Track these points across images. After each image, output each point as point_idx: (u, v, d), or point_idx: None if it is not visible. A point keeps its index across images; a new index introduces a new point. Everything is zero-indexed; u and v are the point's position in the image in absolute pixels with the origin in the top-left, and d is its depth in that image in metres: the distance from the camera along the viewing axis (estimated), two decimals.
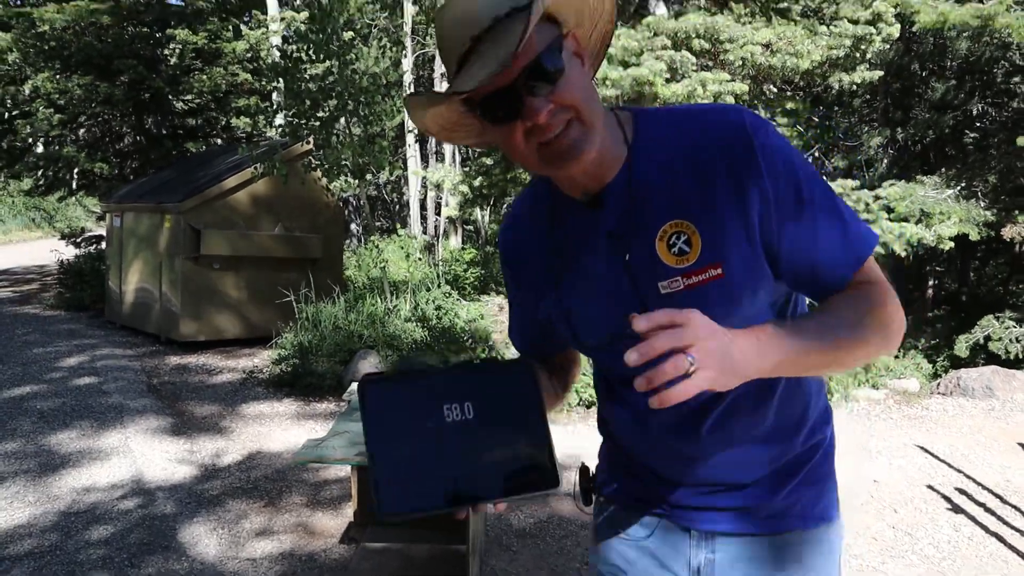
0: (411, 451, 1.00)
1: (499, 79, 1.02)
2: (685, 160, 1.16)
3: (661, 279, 1.16)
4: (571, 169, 1.11)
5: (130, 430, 5.95)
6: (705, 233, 1.14)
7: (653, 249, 1.16)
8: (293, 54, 9.27)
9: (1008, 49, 10.71)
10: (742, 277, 1.14)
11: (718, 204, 1.13)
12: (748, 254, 1.14)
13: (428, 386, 1.04)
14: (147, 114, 14.23)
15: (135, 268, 9.82)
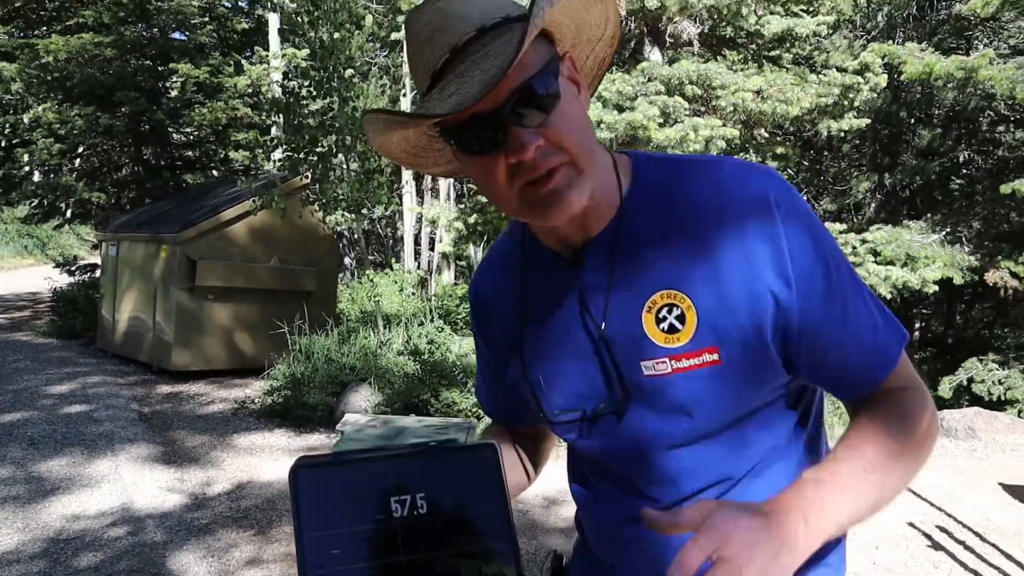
0: (350, 553, 0.82)
1: (481, 103, 0.85)
2: (688, 219, 0.98)
3: (645, 357, 0.99)
4: (554, 219, 0.93)
5: (121, 458, 5.97)
6: (703, 309, 0.95)
7: (639, 321, 0.98)
8: (294, 90, 9.45)
9: (993, 99, 10.98)
10: (743, 367, 0.96)
11: (723, 277, 0.95)
12: (753, 340, 0.95)
13: (374, 475, 0.85)
14: (146, 145, 14.38)
15: (129, 297, 9.88)
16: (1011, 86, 8.76)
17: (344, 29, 9.14)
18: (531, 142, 0.88)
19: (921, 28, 13.24)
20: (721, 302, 0.95)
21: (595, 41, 1.04)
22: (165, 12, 13.44)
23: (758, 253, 0.94)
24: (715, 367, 0.96)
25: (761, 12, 8.61)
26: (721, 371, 0.97)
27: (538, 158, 0.89)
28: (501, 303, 1.15)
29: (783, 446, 1.07)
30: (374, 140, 0.98)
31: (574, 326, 1.04)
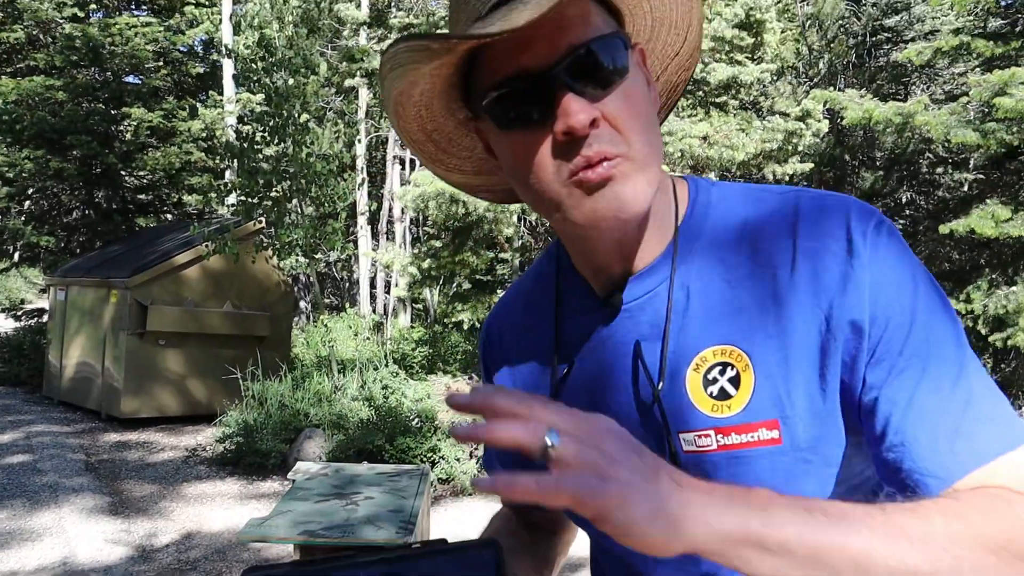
0: None
1: (531, 57, 0.70)
2: (753, 259, 0.79)
3: (685, 428, 0.78)
4: (604, 219, 0.73)
5: (65, 510, 5.82)
6: (763, 372, 0.75)
7: (682, 382, 0.78)
8: (249, 135, 9.47)
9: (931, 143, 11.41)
10: (809, 446, 0.75)
11: (790, 332, 0.75)
12: (820, 411, 0.74)
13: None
14: (98, 189, 14.23)
15: (77, 343, 9.70)
16: (945, 130, 9.12)
17: (299, 75, 9.22)
18: (586, 111, 0.69)
19: (861, 75, 13.75)
20: (787, 362, 0.74)
21: (669, 57, 0.87)
22: (119, 56, 13.40)
23: (832, 298, 0.73)
24: (774, 448, 0.74)
25: (708, 60, 8.89)
26: (781, 453, 0.74)
27: (592, 140, 0.70)
28: (528, 348, 0.94)
29: None
30: (392, 88, 0.75)
31: (617, 382, 0.83)
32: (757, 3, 8.07)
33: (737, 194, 0.84)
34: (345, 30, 16.10)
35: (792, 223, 0.77)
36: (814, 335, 0.74)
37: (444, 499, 6.68)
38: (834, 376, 0.73)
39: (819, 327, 0.74)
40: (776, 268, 0.77)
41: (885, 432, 0.71)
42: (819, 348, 0.73)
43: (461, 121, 0.84)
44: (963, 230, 8.98)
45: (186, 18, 15.08)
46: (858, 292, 0.72)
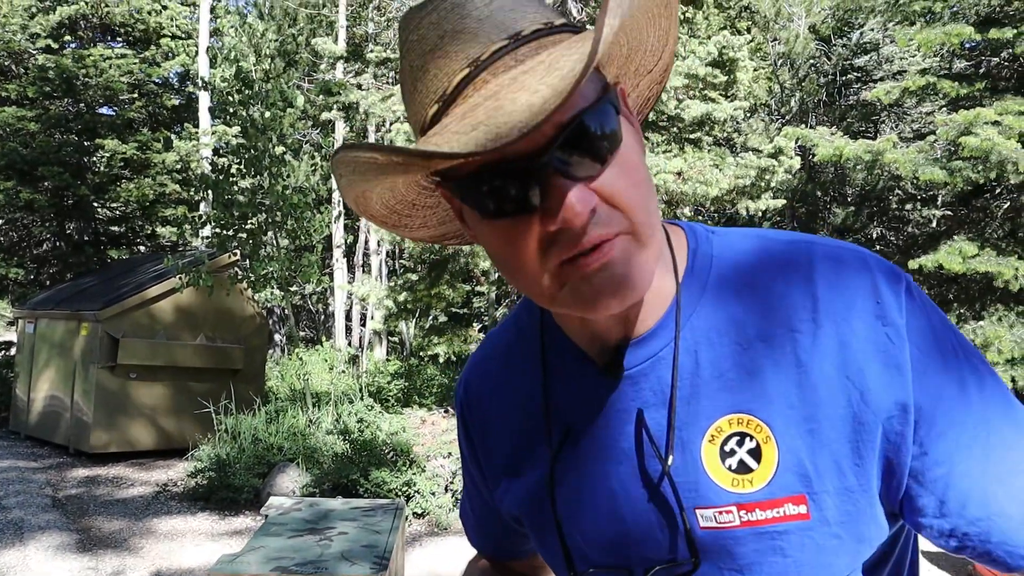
0: None
1: (518, 143, 0.56)
2: (768, 317, 0.71)
3: (703, 504, 0.71)
4: (606, 309, 0.66)
5: (30, 547, 5.68)
6: (786, 443, 0.69)
7: (697, 455, 0.71)
8: (225, 167, 9.45)
9: (900, 179, 11.64)
10: (840, 524, 0.69)
11: (815, 399, 0.68)
12: (853, 486, 0.68)
13: None
14: (70, 220, 14.10)
15: (46, 376, 9.53)
16: (914, 168, 9.32)
17: (275, 108, 9.24)
18: (585, 202, 0.60)
19: (832, 113, 14.05)
20: (813, 434, 0.68)
21: (644, 73, 0.76)
22: (93, 87, 13.37)
23: (865, 367, 0.67)
24: (802, 523, 0.68)
25: (682, 97, 9.04)
26: (809, 529, 0.69)
27: (589, 225, 0.61)
28: (513, 413, 0.85)
29: None
30: (349, 191, 0.68)
31: (619, 455, 0.76)
32: (730, 42, 8.24)
33: (742, 242, 0.76)
34: (322, 63, 16.19)
35: (809, 277, 0.70)
36: (843, 406, 0.67)
37: (420, 534, 6.60)
38: (871, 452, 0.67)
39: (849, 398, 0.67)
40: (795, 329, 0.69)
41: (965, 505, 0.66)
42: (852, 420, 0.67)
43: (424, 187, 0.74)
44: (932, 266, 9.13)
45: (162, 50, 15.08)
46: (900, 368, 0.66)
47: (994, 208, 10.60)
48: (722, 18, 13.41)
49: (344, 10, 17.31)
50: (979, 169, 8.84)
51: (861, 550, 0.71)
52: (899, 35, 10.34)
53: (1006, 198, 10.39)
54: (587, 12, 9.50)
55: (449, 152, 0.53)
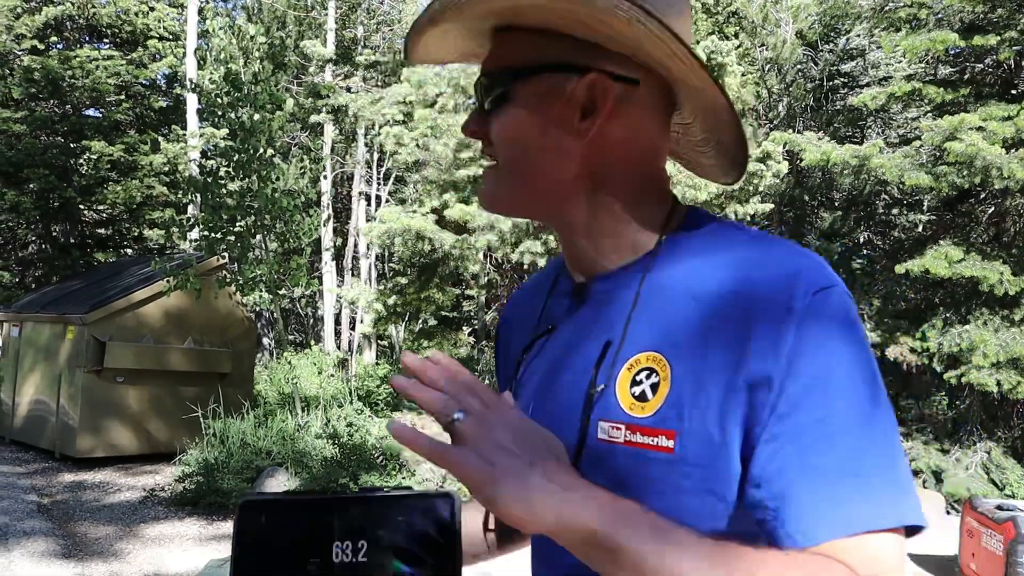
0: None
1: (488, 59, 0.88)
2: (707, 286, 0.83)
3: (605, 417, 0.84)
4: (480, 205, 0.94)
5: (15, 554, 5.64)
6: (677, 384, 0.80)
7: (615, 377, 0.84)
8: (213, 169, 9.41)
9: (887, 184, 11.72)
10: (695, 465, 0.78)
11: (709, 356, 0.79)
12: (714, 442, 0.77)
13: (319, 517, 0.80)
14: (56, 223, 14.00)
15: (31, 380, 9.47)
16: (899, 173, 9.40)
17: (264, 111, 9.22)
18: (469, 127, 0.89)
19: (819, 118, 14.12)
20: (697, 385, 0.78)
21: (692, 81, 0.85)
22: (79, 89, 13.29)
23: (754, 345, 0.76)
24: (667, 455, 0.79)
25: None
26: (671, 462, 0.78)
27: (483, 147, 0.90)
28: (521, 326, 1.05)
29: None
30: None
31: (571, 362, 0.91)
32: (718, 47, 8.28)
33: (727, 230, 0.89)
34: (311, 66, 16.17)
35: (750, 265, 0.81)
36: (727, 373, 0.77)
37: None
38: (735, 420, 0.76)
39: (734, 367, 0.76)
40: (720, 299, 0.80)
41: (773, 480, 0.73)
42: (726, 385, 0.76)
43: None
44: (918, 270, 9.21)
45: (149, 52, 15.02)
46: (777, 348, 0.74)
47: (979, 213, 10.70)
48: (710, 23, 13.48)
49: (333, 13, 17.30)
50: (964, 174, 8.92)
51: (715, 505, 0.78)
52: (885, 41, 10.43)
53: (990, 203, 10.49)
54: None
55: None
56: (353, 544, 0.77)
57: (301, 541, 0.78)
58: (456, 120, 7.40)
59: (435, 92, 8.22)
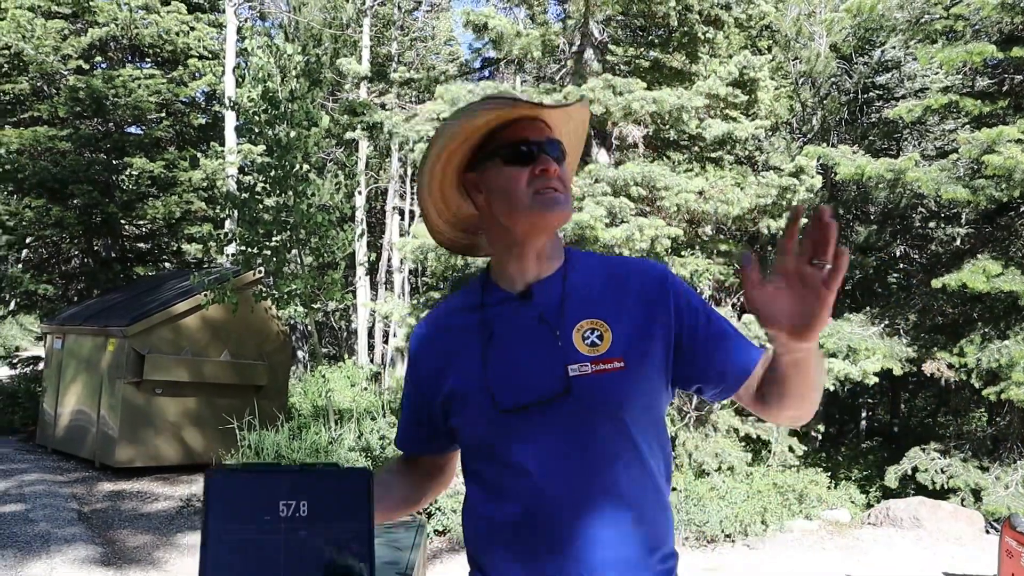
0: (242, 540, 1.07)
1: (535, 133, 1.39)
2: (609, 281, 1.43)
3: (572, 362, 1.34)
4: (553, 216, 1.38)
5: (56, 560, 5.77)
6: (615, 333, 1.36)
7: (570, 337, 1.36)
8: (250, 185, 9.59)
9: (923, 197, 11.56)
10: (638, 374, 1.35)
11: (630, 317, 1.38)
12: (650, 361, 1.37)
13: (270, 482, 1.10)
14: (98, 237, 14.30)
15: (73, 391, 9.68)
16: (936, 186, 9.28)
17: (300, 128, 9.38)
18: (557, 166, 1.38)
19: (854, 131, 13.99)
20: (627, 332, 1.37)
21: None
22: (122, 107, 13.59)
23: (656, 307, 1.40)
24: (621, 371, 1.34)
25: (703, 116, 9.07)
26: (624, 374, 1.34)
27: (554, 178, 1.37)
28: (463, 337, 1.45)
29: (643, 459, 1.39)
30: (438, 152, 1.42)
31: (530, 339, 1.39)
32: (751, 62, 8.26)
33: (590, 255, 1.52)
34: (347, 83, 16.40)
35: (629, 268, 1.47)
36: (647, 322, 1.39)
37: (442, 552, 6.63)
38: (663, 341, 1.40)
39: (648, 319, 1.39)
40: (624, 287, 1.43)
41: (711, 358, 1.40)
42: (648, 328, 1.39)
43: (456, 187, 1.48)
44: (955, 284, 9.06)
45: (189, 70, 15.32)
46: (666, 303, 1.40)
47: (1018, 226, 10.52)
48: (743, 37, 13.44)
49: (368, 30, 17.55)
50: (1002, 187, 8.79)
51: (650, 391, 1.39)
52: (921, 53, 10.32)
53: None
54: (608, 32, 9.59)
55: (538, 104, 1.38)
56: (296, 503, 1.09)
57: (255, 500, 1.08)
58: None
59: None
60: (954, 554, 7.18)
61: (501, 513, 1.36)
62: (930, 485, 9.50)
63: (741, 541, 7.30)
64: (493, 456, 1.39)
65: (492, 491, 1.40)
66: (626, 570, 1.32)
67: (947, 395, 14.79)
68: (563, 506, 1.32)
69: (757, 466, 8.95)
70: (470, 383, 1.40)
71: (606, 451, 1.34)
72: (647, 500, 1.37)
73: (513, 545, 1.35)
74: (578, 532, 1.31)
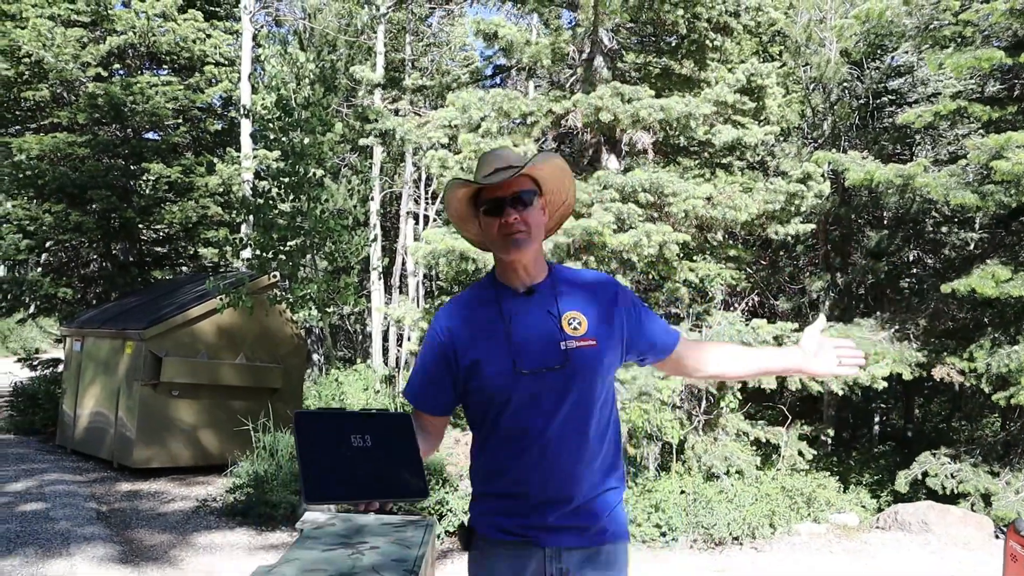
0: (327, 462, 1.49)
1: (501, 190, 1.93)
2: (583, 287, 2.09)
3: (564, 339, 1.98)
4: (514, 254, 1.97)
5: (76, 558, 5.91)
6: (589, 320, 2.01)
7: (559, 324, 1.99)
8: (265, 190, 9.75)
9: (935, 203, 11.57)
10: (603, 350, 1.99)
11: (597, 311, 2.04)
12: (611, 340, 2.02)
13: (342, 421, 1.58)
14: (116, 241, 14.51)
15: (91, 393, 9.86)
16: (944, 192, 9.30)
17: (315, 134, 9.53)
18: (513, 215, 1.93)
19: (865, 136, 14.00)
20: (598, 319, 2.02)
21: (559, 204, 2.16)
22: (139, 113, 13.80)
23: (613, 306, 2.06)
24: (593, 347, 1.97)
25: (713, 123, 9.14)
26: (595, 350, 1.98)
27: (514, 223, 1.93)
28: (478, 322, 2.02)
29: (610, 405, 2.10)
30: (448, 198, 2.08)
31: (537, 324, 1.99)
32: (758, 69, 8.33)
33: (561, 266, 2.17)
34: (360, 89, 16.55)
35: (598, 278, 2.13)
36: (607, 312, 2.03)
37: (452, 552, 6.74)
38: (617, 330, 2.03)
39: (610, 313, 2.03)
40: (593, 291, 2.08)
41: (650, 338, 2.12)
42: (610, 320, 2.03)
43: (469, 209, 2.08)
44: (965, 290, 9.08)
45: (205, 77, 15.52)
46: (617, 303, 2.06)
47: None
48: (754, 43, 13.50)
49: (382, 36, 17.71)
50: (1011, 193, 8.80)
51: (612, 362, 2.03)
52: (930, 59, 10.34)
53: None
54: (618, 40, 9.69)
55: (487, 183, 1.96)
56: (362, 436, 1.56)
57: (334, 433, 1.55)
58: (498, 143, 7.59)
59: (479, 116, 8.42)
60: (962, 559, 7.22)
61: (517, 446, 1.96)
62: (940, 490, 9.51)
63: (749, 544, 7.36)
64: (510, 405, 1.96)
65: (507, 432, 1.98)
66: (599, 482, 2.00)
67: (961, 400, 14.76)
68: (561, 437, 1.94)
69: (767, 470, 9.00)
70: (497, 353, 1.96)
71: (589, 399, 1.96)
72: (612, 433, 2.07)
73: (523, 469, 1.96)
74: (570, 454, 1.95)
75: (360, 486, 1.51)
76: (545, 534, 1.95)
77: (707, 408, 8.84)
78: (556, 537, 1.95)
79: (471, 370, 1.98)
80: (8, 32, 13.86)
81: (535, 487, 1.95)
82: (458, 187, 2.02)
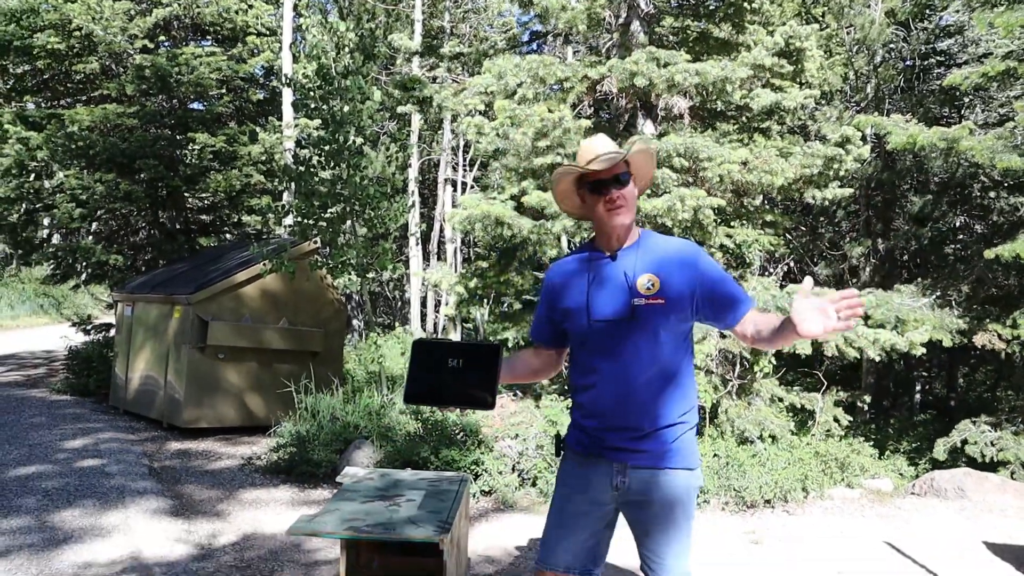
0: (427, 376, 2.37)
1: (604, 173, 2.50)
2: (664, 252, 2.54)
3: (636, 297, 2.47)
4: (617, 222, 2.52)
5: (131, 510, 6.21)
6: (663, 282, 2.47)
7: (635, 284, 2.49)
8: (306, 159, 9.92)
9: (982, 166, 11.32)
10: (672, 308, 2.46)
11: (673, 271, 2.49)
12: (682, 301, 2.47)
13: (444, 348, 2.42)
14: (163, 210, 14.87)
15: (142, 356, 10.21)
16: (991, 155, 9.11)
17: (354, 102, 9.65)
18: (616, 193, 2.51)
19: (909, 99, 13.71)
20: (670, 280, 2.47)
21: (643, 180, 2.69)
22: (185, 84, 14.06)
23: (689, 270, 2.49)
24: (662, 305, 2.46)
25: (751, 87, 9.05)
26: (664, 308, 2.46)
27: (617, 199, 2.51)
28: (576, 277, 2.62)
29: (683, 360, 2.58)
30: (555, 183, 2.67)
31: (616, 282, 2.52)
32: (797, 32, 8.21)
33: (651, 232, 2.63)
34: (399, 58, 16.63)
35: (678, 244, 2.60)
36: (682, 273, 2.50)
37: (487, 510, 6.92)
38: (691, 291, 2.49)
39: (684, 271, 2.50)
40: (673, 255, 2.54)
41: (722, 302, 2.51)
42: (684, 282, 2.50)
43: (575, 188, 2.66)
44: (1009, 255, 8.94)
45: (248, 47, 15.72)
46: (696, 268, 2.51)
47: None
48: (796, 5, 13.26)
49: (420, 4, 17.72)
50: None
51: (682, 321, 2.52)
52: (979, 18, 10.09)
53: None
54: (655, 4, 9.60)
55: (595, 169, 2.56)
56: (456, 360, 2.37)
57: (435, 356, 2.41)
58: (534, 110, 7.62)
59: (515, 83, 8.45)
60: (997, 524, 7.20)
61: (586, 380, 2.57)
62: (980, 458, 9.45)
63: (780, 507, 7.43)
64: (585, 346, 2.57)
65: (586, 366, 2.57)
66: (664, 415, 2.48)
67: (1007, 369, 14.52)
68: (627, 376, 2.47)
69: (802, 436, 9.03)
70: (578, 304, 2.56)
71: (655, 346, 2.46)
72: (682, 376, 2.53)
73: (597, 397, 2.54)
74: (635, 391, 2.46)
75: (441, 396, 2.32)
76: (612, 452, 2.50)
77: (741, 372, 8.87)
78: (622, 455, 2.48)
79: (563, 315, 2.61)
80: (59, 7, 14.18)
81: (606, 413, 2.50)
82: (567, 173, 2.58)
